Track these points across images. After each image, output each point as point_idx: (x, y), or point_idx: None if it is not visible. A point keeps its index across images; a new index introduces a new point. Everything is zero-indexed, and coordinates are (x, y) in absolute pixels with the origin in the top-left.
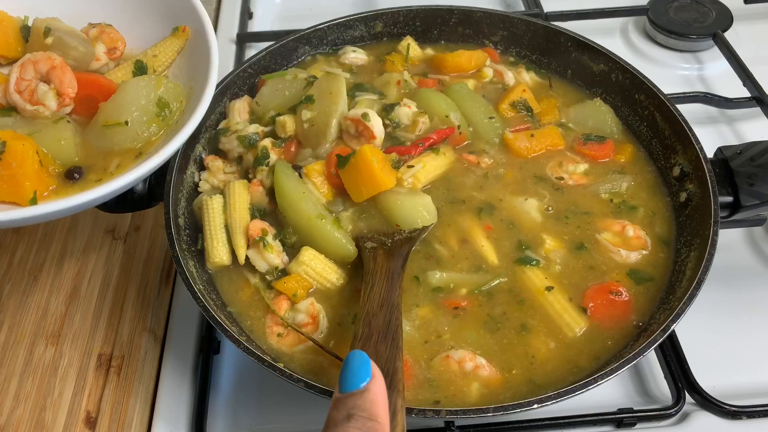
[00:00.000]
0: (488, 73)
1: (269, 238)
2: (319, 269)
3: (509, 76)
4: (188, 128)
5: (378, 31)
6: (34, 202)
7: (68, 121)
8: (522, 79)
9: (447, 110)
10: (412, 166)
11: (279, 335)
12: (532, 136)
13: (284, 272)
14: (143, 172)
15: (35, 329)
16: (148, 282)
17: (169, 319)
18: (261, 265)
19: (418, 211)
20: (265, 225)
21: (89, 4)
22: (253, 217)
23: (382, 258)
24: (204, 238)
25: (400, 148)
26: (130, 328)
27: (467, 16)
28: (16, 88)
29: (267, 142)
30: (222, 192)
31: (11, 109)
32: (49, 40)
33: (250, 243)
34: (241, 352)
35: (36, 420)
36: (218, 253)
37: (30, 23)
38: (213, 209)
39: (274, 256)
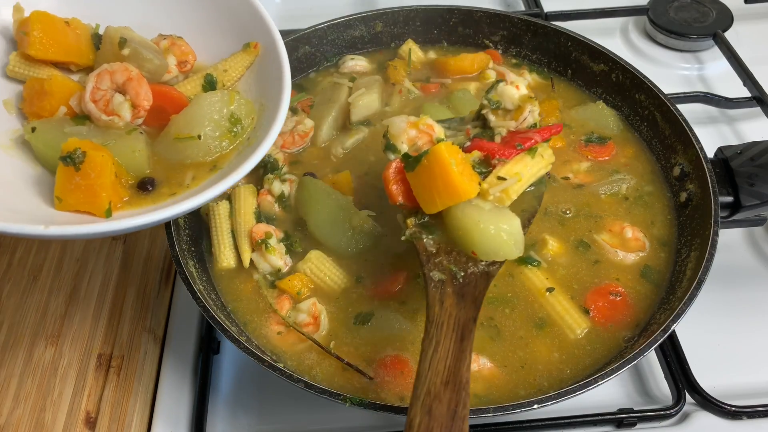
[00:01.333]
0: (491, 75)
1: (272, 241)
2: (324, 270)
3: (511, 78)
4: (266, 144)
5: (378, 30)
6: (109, 213)
7: (141, 132)
8: (524, 80)
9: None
10: (504, 179)
11: (279, 333)
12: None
13: (287, 275)
14: (223, 188)
15: (35, 329)
16: (148, 282)
17: (168, 319)
18: (264, 267)
19: (502, 238)
20: (270, 228)
21: (158, 14)
22: (258, 221)
23: (451, 302)
24: (212, 243)
25: (486, 143)
26: (130, 328)
27: (467, 16)
28: (91, 98)
29: (278, 152)
30: (228, 196)
31: (85, 118)
32: (126, 51)
33: (254, 245)
34: (241, 352)
35: (36, 420)
36: (225, 257)
37: (101, 31)
38: (219, 215)
39: (276, 258)
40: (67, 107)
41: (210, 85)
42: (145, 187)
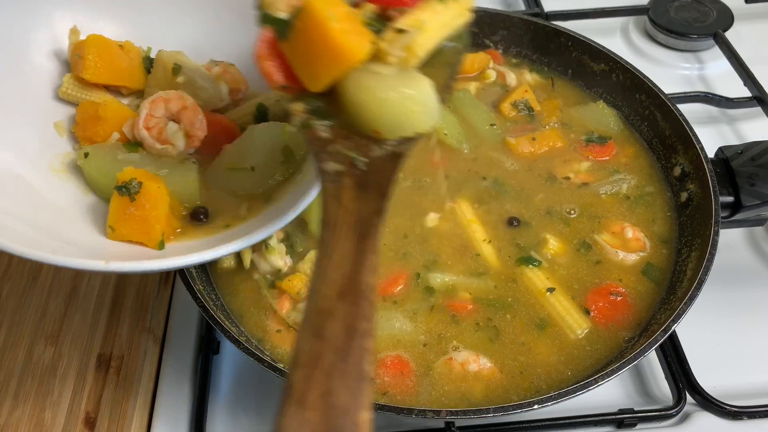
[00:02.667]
0: (491, 74)
1: (272, 242)
2: None
3: (511, 77)
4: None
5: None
6: (162, 245)
7: (193, 162)
8: (524, 80)
9: (444, 128)
10: (404, 32)
11: (278, 331)
12: (533, 139)
13: (287, 275)
14: (282, 224)
15: (34, 329)
16: (148, 282)
17: (168, 319)
18: (264, 267)
19: (407, 107)
20: None
21: (208, 39)
22: None
23: (350, 195)
24: None
25: None
26: (130, 329)
27: None
28: (145, 125)
29: None
30: None
31: (137, 145)
32: (180, 79)
33: (254, 246)
34: (241, 352)
35: (35, 420)
36: (226, 258)
37: (152, 54)
38: None
39: (276, 258)
40: (119, 133)
41: (261, 114)
42: (198, 217)
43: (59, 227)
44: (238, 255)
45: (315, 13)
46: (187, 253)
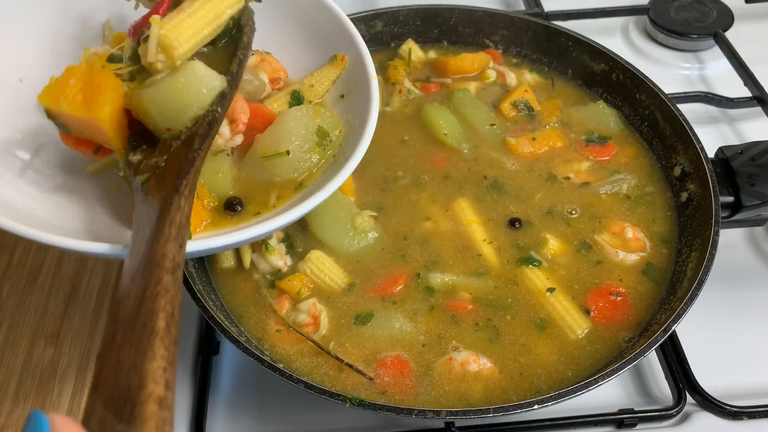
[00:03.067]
0: (491, 74)
1: (272, 242)
2: (325, 269)
3: (511, 77)
4: (354, 160)
5: (378, 30)
6: (188, 236)
7: (227, 154)
8: (524, 80)
9: (444, 128)
10: (147, 37)
11: (278, 331)
12: (533, 139)
13: (287, 275)
14: (310, 207)
15: (34, 329)
16: None
17: None
18: (263, 267)
19: (183, 92)
20: None
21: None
22: None
23: (153, 189)
24: None
25: (133, 25)
26: None
27: (467, 15)
28: None
29: None
30: None
31: None
32: None
33: (254, 246)
34: (241, 353)
35: None
36: (226, 257)
37: None
38: None
39: (276, 258)
40: None
41: (297, 101)
42: (233, 207)
43: (97, 219)
44: (237, 255)
45: (51, 111)
46: (212, 237)
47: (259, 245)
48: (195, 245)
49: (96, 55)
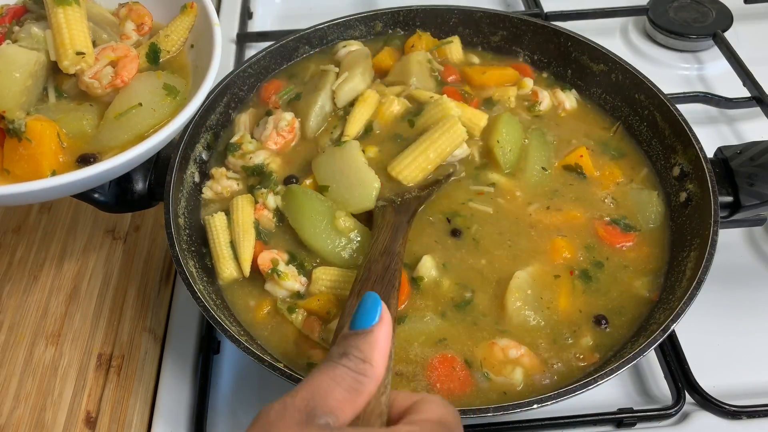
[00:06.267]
0: (528, 83)
1: (281, 267)
2: (338, 279)
3: (544, 95)
4: (196, 101)
5: (378, 30)
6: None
7: (90, 105)
8: (560, 100)
9: (503, 135)
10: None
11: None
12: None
13: (305, 295)
14: (153, 143)
15: (35, 329)
16: (148, 282)
17: (169, 319)
18: (281, 293)
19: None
20: (274, 254)
21: None
22: (257, 237)
23: (390, 214)
24: (212, 256)
25: None
26: (130, 328)
27: (467, 16)
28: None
29: (275, 163)
30: (227, 208)
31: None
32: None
33: (265, 276)
34: (241, 352)
35: (36, 420)
36: (226, 268)
37: None
38: (216, 227)
39: (291, 282)
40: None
41: (153, 53)
42: (87, 161)
43: None
44: (238, 265)
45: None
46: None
47: (270, 275)
48: (49, 182)
49: None
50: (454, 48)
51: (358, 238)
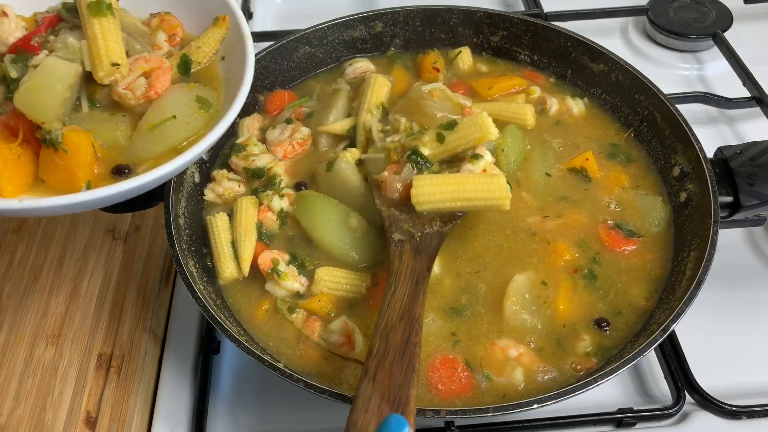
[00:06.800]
0: (535, 90)
1: (281, 267)
2: (340, 279)
3: (552, 102)
4: (229, 115)
5: (378, 30)
6: (87, 187)
7: (123, 115)
8: (567, 107)
9: (507, 144)
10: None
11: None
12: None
13: (305, 295)
14: (190, 157)
15: (35, 329)
16: (148, 282)
17: (169, 319)
18: (281, 293)
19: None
20: (275, 254)
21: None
22: (259, 238)
23: (408, 256)
24: (213, 255)
25: None
26: (130, 328)
27: (467, 16)
28: (126, 86)
29: (279, 167)
30: (229, 209)
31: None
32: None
33: (265, 276)
34: (241, 352)
35: (36, 420)
36: (227, 267)
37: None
38: (218, 227)
39: (291, 282)
40: None
41: (185, 64)
42: (122, 172)
43: None
44: (238, 264)
45: None
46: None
47: (270, 275)
48: (94, 193)
49: None
50: (465, 57)
51: (369, 238)
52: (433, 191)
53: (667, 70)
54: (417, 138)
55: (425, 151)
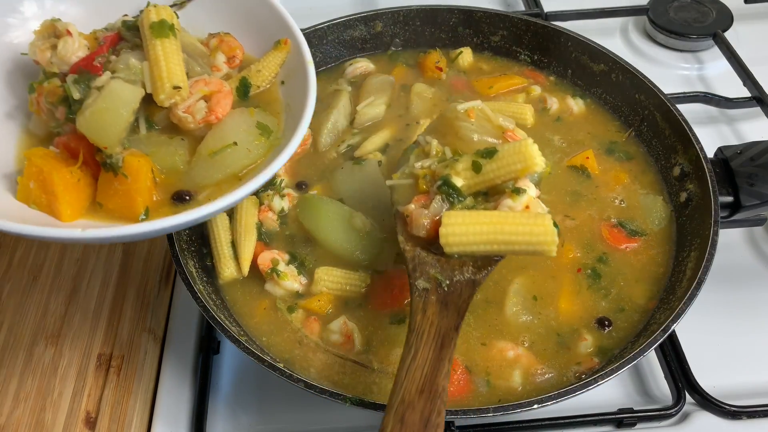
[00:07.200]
0: (536, 89)
1: (281, 267)
2: (340, 279)
3: (552, 101)
4: (292, 145)
5: (378, 30)
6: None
7: (182, 139)
8: (567, 106)
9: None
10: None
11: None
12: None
13: (304, 295)
14: (255, 185)
15: (35, 329)
16: (148, 282)
17: (169, 319)
18: (280, 293)
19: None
20: (274, 254)
21: (198, 16)
22: (259, 238)
23: (433, 309)
24: (212, 255)
25: None
26: (130, 328)
27: (467, 16)
28: (186, 109)
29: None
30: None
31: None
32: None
33: (264, 276)
34: (241, 352)
35: (36, 420)
36: (227, 267)
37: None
38: (218, 227)
39: (290, 282)
40: None
41: (244, 88)
42: (182, 198)
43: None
44: (238, 264)
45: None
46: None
47: (270, 275)
48: (156, 224)
49: (46, 155)
50: (466, 56)
51: (373, 236)
52: (465, 231)
53: (667, 70)
54: (450, 165)
55: (458, 182)
